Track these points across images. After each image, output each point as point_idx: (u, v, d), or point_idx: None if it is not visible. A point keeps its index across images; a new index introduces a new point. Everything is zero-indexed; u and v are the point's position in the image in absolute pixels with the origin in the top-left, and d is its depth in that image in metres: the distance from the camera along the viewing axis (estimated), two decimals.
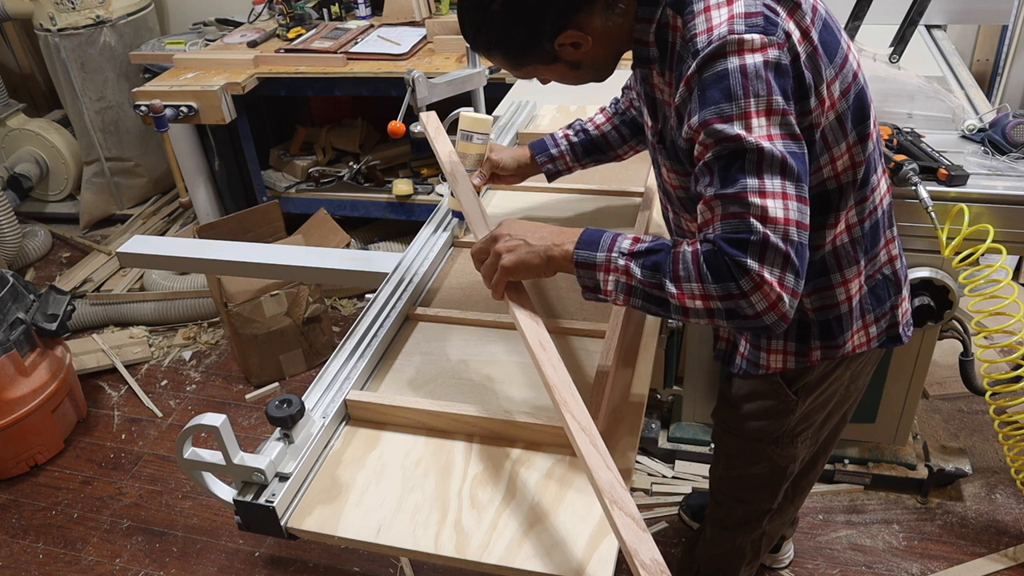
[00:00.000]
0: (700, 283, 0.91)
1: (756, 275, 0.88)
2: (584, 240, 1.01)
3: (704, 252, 0.92)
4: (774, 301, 0.89)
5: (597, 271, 0.99)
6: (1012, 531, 2.04)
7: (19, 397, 2.34)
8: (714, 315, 0.92)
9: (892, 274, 1.22)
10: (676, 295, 0.93)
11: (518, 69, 1.10)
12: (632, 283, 0.96)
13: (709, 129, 0.91)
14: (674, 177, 1.14)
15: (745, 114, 0.90)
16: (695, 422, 2.25)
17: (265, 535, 0.99)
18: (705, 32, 0.92)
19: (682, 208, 1.18)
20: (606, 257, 0.98)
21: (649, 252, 0.96)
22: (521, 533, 0.94)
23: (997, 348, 1.87)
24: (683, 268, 0.92)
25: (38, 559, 2.19)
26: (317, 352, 2.76)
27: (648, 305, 0.97)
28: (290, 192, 3.24)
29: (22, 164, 3.66)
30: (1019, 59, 2.86)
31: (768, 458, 1.39)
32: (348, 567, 2.09)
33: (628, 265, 0.96)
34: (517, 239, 1.05)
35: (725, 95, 0.90)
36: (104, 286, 3.28)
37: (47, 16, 3.26)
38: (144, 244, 1.69)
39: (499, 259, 1.06)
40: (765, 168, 0.89)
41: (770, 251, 0.88)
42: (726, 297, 0.90)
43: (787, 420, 1.31)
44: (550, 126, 1.92)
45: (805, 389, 1.26)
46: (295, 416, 0.98)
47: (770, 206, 0.89)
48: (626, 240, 0.99)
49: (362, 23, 3.16)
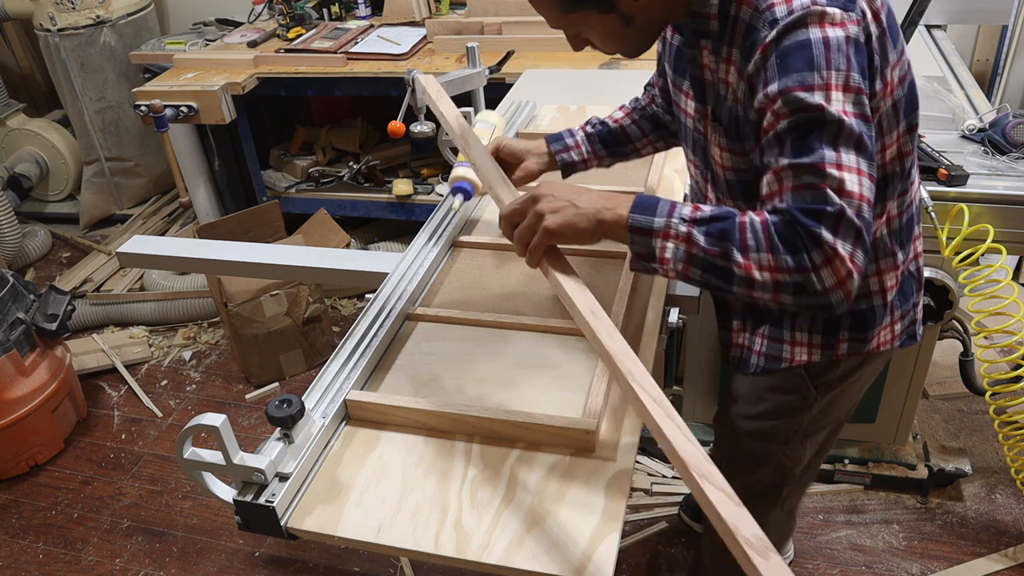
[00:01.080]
0: (771, 253, 0.88)
1: (830, 248, 0.86)
2: (639, 204, 0.96)
3: (775, 222, 0.88)
4: (844, 277, 0.87)
5: (654, 237, 0.94)
6: (1012, 531, 2.04)
7: (19, 397, 2.34)
8: (780, 288, 0.89)
9: (916, 271, 1.21)
10: (743, 264, 0.89)
11: (565, 15, 1.02)
12: (693, 251, 0.92)
13: (789, 97, 0.88)
14: (729, 157, 1.09)
15: (827, 85, 0.88)
16: (695, 422, 2.25)
17: (265, 535, 0.99)
18: (784, 2, 0.90)
19: (730, 193, 1.14)
20: (665, 223, 0.93)
21: (714, 219, 0.92)
22: (521, 533, 0.94)
23: (997, 348, 1.87)
24: (752, 237, 0.89)
25: (38, 559, 2.19)
26: (317, 352, 2.76)
27: (707, 276, 0.93)
28: (290, 192, 3.24)
29: (22, 164, 3.66)
30: (1019, 59, 2.86)
31: (774, 461, 1.35)
32: (348, 567, 2.09)
33: (691, 232, 0.92)
34: (562, 200, 0.99)
35: (808, 64, 0.88)
36: (104, 286, 3.28)
37: (47, 16, 3.26)
38: (144, 244, 1.69)
39: (541, 220, 0.99)
40: (843, 141, 0.87)
41: (845, 224, 0.86)
42: (797, 269, 0.87)
43: (802, 418, 1.28)
44: (550, 126, 1.92)
45: (827, 385, 1.24)
46: (295, 416, 0.98)
47: (847, 179, 0.86)
48: (685, 207, 0.94)
49: (362, 23, 3.17)
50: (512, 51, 2.62)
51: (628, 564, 2.02)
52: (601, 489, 0.98)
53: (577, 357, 1.19)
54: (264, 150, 3.38)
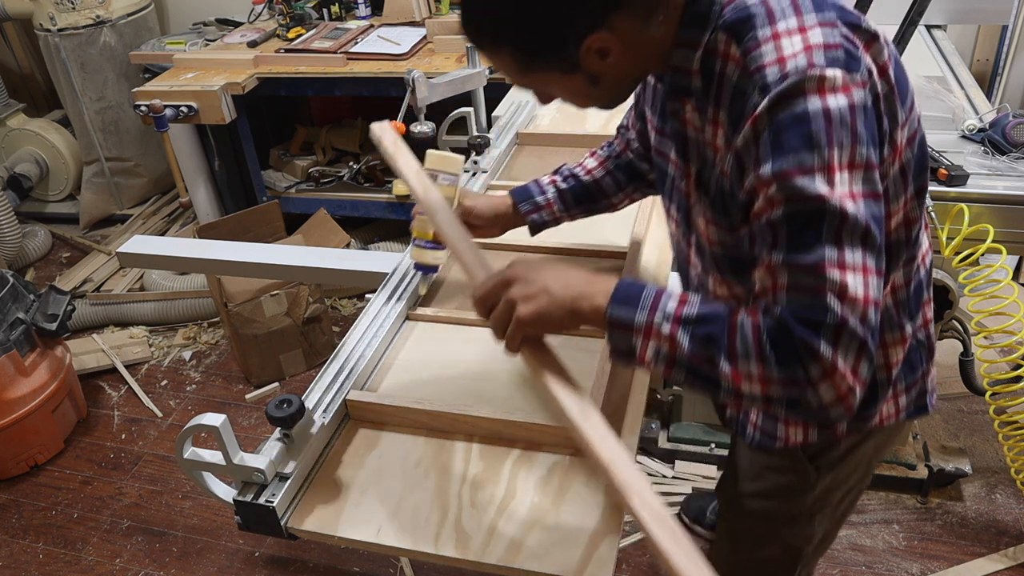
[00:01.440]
0: (761, 364, 0.78)
1: (828, 362, 0.76)
2: (620, 295, 0.86)
3: (768, 327, 0.78)
4: (844, 393, 0.77)
5: (635, 335, 0.84)
6: (1012, 531, 2.04)
7: (19, 397, 2.34)
8: (772, 402, 0.80)
9: (926, 338, 1.07)
10: (730, 375, 0.79)
11: (525, 76, 0.91)
12: (677, 354, 0.82)
13: (785, 183, 0.77)
14: (715, 231, 0.96)
15: (828, 167, 0.76)
16: (695, 422, 2.25)
17: (265, 535, 0.99)
18: (776, 63, 0.78)
19: (716, 267, 1.01)
20: (647, 320, 0.83)
21: (702, 320, 0.82)
22: (521, 533, 0.94)
23: (997, 348, 1.87)
24: (741, 343, 0.79)
25: (38, 559, 2.19)
26: (317, 352, 2.76)
27: (693, 380, 0.83)
28: (290, 192, 3.24)
29: (22, 164, 3.66)
30: (1019, 59, 2.86)
31: (781, 540, 1.24)
32: (348, 567, 2.09)
33: (675, 333, 0.82)
34: (536, 285, 0.90)
35: (806, 142, 0.76)
36: (104, 286, 3.28)
37: (47, 16, 3.26)
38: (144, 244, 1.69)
39: (513, 309, 0.90)
40: (846, 236, 0.76)
41: (846, 335, 0.76)
42: (790, 383, 0.78)
43: (805, 498, 1.17)
44: (550, 126, 1.92)
45: (827, 464, 1.13)
46: (295, 416, 0.98)
47: (850, 282, 0.76)
48: (671, 300, 0.84)
49: (362, 23, 3.16)
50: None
51: (628, 564, 2.02)
52: (601, 489, 0.98)
53: (577, 357, 1.19)
54: (264, 150, 3.38)
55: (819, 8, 0.81)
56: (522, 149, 1.84)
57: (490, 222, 1.28)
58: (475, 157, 1.68)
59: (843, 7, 0.83)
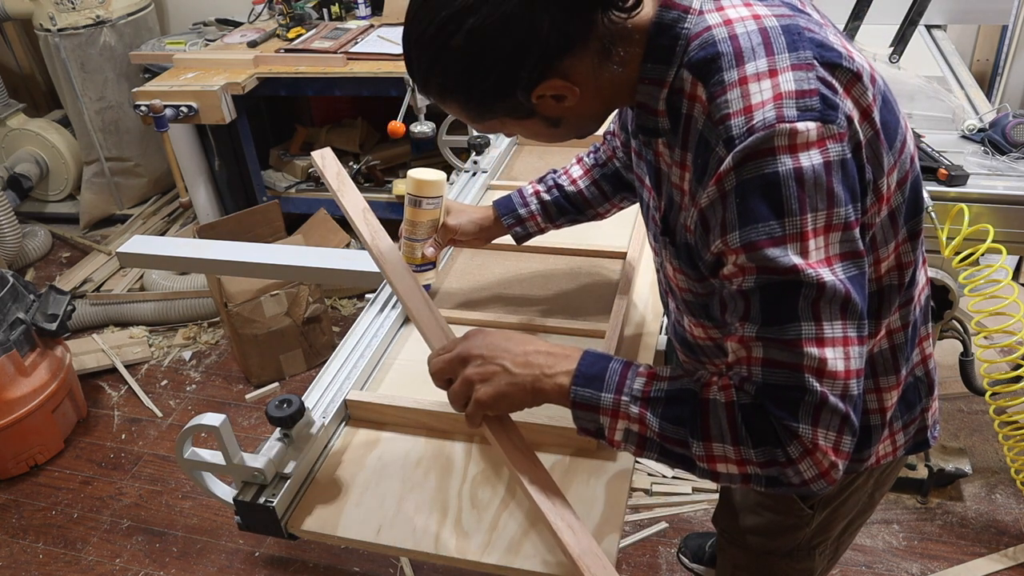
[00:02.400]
0: (736, 446, 0.75)
1: (808, 441, 0.72)
2: (583, 373, 0.82)
3: (743, 407, 0.75)
4: (826, 469, 0.74)
5: (601, 415, 0.81)
6: (1012, 531, 2.04)
7: (19, 397, 2.34)
8: (751, 480, 0.76)
9: (925, 375, 1.01)
10: (704, 457, 0.77)
11: (479, 122, 0.86)
12: (648, 435, 0.79)
13: (756, 255, 0.72)
14: (682, 279, 0.92)
15: (802, 234, 0.71)
16: None
17: (265, 535, 0.99)
18: (742, 113, 0.72)
19: (688, 310, 0.98)
20: (614, 401, 0.80)
21: (671, 400, 0.78)
22: (521, 533, 0.93)
23: (997, 348, 1.87)
24: (715, 425, 0.76)
25: (38, 559, 2.19)
26: (317, 352, 2.76)
27: (667, 460, 0.80)
28: (290, 192, 3.24)
29: (22, 164, 3.66)
30: (1019, 59, 2.86)
31: (782, 573, 1.21)
32: (348, 567, 2.09)
33: (643, 414, 0.79)
34: (493, 364, 0.85)
35: (776, 210, 0.71)
36: (104, 286, 3.28)
37: (47, 16, 3.26)
38: (144, 244, 1.69)
39: (471, 389, 0.87)
40: (824, 308, 0.72)
41: (826, 412, 0.72)
42: (769, 464, 0.74)
43: (801, 534, 1.14)
44: None
45: (822, 502, 1.09)
46: (295, 416, 0.98)
47: (829, 358, 0.72)
48: (639, 377, 0.80)
49: (362, 23, 3.16)
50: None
51: (628, 564, 2.02)
52: (601, 489, 0.98)
53: None
54: (264, 150, 3.38)
55: (793, 47, 0.73)
56: (522, 149, 1.84)
57: (474, 236, 1.28)
58: (475, 157, 1.68)
59: (823, 42, 0.75)
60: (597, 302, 1.31)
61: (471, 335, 0.89)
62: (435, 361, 0.91)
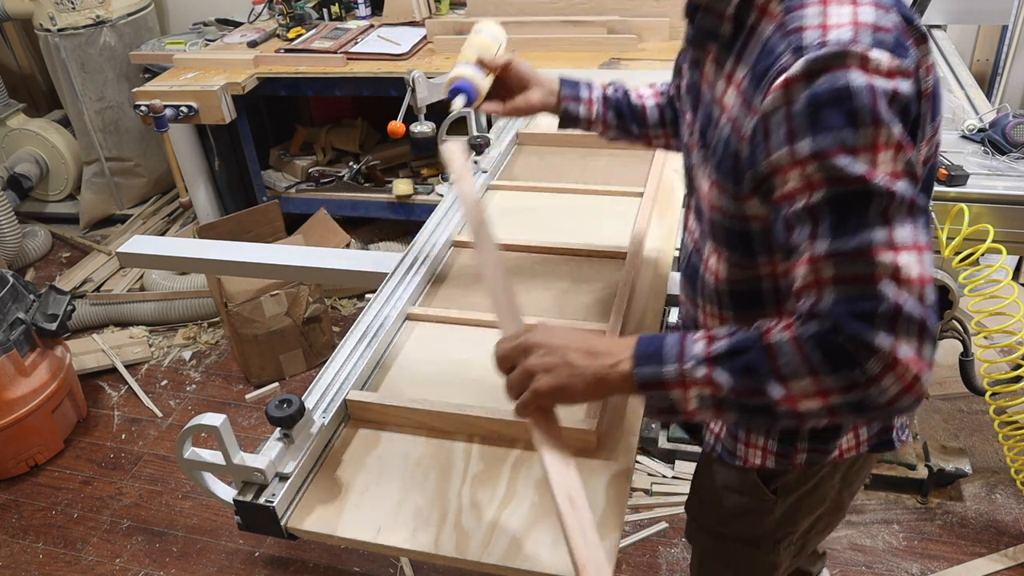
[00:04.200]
0: (813, 377, 0.73)
1: (887, 354, 0.70)
2: (643, 353, 0.81)
3: (812, 335, 0.73)
4: (910, 382, 0.71)
5: (669, 389, 0.79)
6: (1012, 531, 2.04)
7: (19, 397, 2.34)
8: (836, 412, 0.74)
9: None
10: (784, 397, 0.74)
11: None
12: (721, 395, 0.77)
13: (827, 163, 0.72)
14: (717, 195, 0.90)
15: (873, 146, 0.71)
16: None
17: (265, 535, 0.99)
18: (818, 28, 0.73)
19: (712, 235, 0.96)
20: (677, 371, 0.79)
21: (734, 352, 0.77)
22: (521, 533, 0.94)
23: (997, 348, 1.87)
24: (786, 363, 0.74)
25: (38, 559, 2.19)
26: (317, 352, 2.76)
27: (748, 417, 0.78)
28: (290, 192, 3.24)
29: (22, 164, 3.66)
30: (1019, 59, 2.86)
31: (748, 563, 1.21)
32: (348, 567, 2.09)
33: (710, 375, 0.77)
34: (555, 357, 0.84)
35: (850, 119, 0.71)
36: (104, 286, 3.28)
37: (47, 16, 3.26)
38: (144, 244, 1.69)
39: (531, 379, 0.85)
40: (894, 213, 0.72)
41: (903, 320, 0.70)
42: (850, 388, 0.72)
43: (765, 521, 1.13)
44: (550, 126, 1.92)
45: (784, 488, 1.09)
46: (295, 416, 0.98)
47: (903, 263, 0.71)
48: (697, 342, 0.79)
49: (362, 23, 3.16)
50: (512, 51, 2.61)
51: (628, 564, 2.03)
52: (601, 489, 0.98)
53: None
54: (264, 150, 3.38)
55: None
56: (522, 149, 1.84)
57: (525, 83, 1.21)
58: (475, 157, 1.68)
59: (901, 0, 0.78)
60: (597, 302, 1.31)
61: (538, 328, 0.89)
62: (500, 348, 0.90)
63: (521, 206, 1.62)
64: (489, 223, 1.10)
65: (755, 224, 0.88)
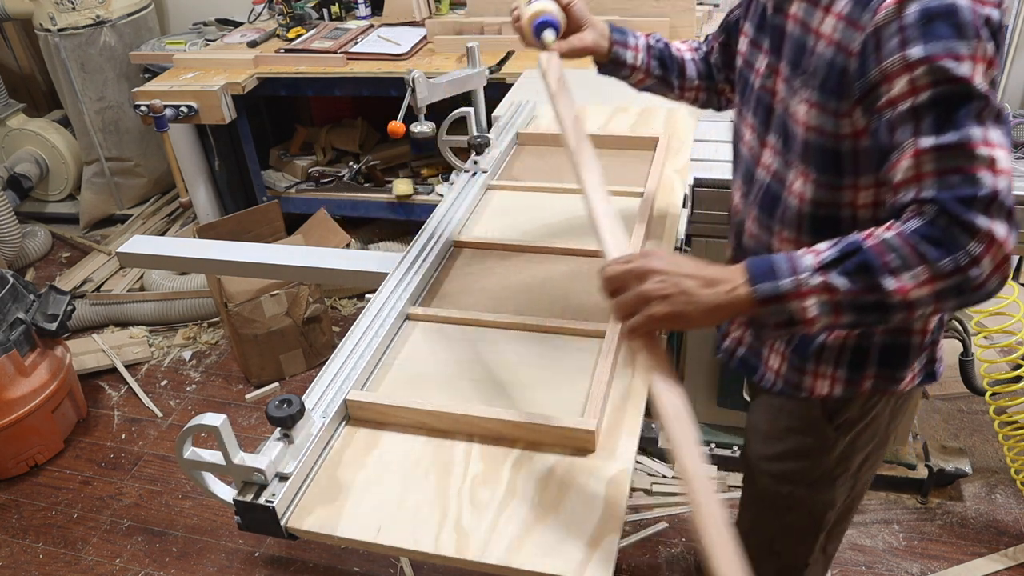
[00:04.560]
0: (924, 264, 0.80)
1: (985, 235, 0.79)
2: (757, 274, 0.86)
3: (916, 228, 0.81)
4: (1001, 261, 0.80)
5: (787, 302, 0.84)
6: (1012, 531, 2.04)
7: (19, 397, 2.34)
8: (941, 297, 0.82)
9: None
10: (897, 289, 0.81)
11: None
12: (838, 298, 0.83)
13: (935, 66, 0.82)
14: (817, 115, 0.98)
15: (974, 57, 0.82)
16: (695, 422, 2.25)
17: (265, 535, 0.99)
18: None
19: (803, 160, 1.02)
20: (794, 282, 0.84)
21: (846, 255, 0.83)
22: (521, 533, 0.94)
23: (997, 348, 1.87)
24: (895, 256, 0.81)
25: (38, 559, 2.19)
26: (317, 352, 2.76)
27: (861, 317, 0.84)
28: (290, 192, 3.24)
29: (22, 164, 3.66)
30: (1019, 59, 2.86)
31: (804, 504, 1.24)
32: (348, 567, 2.09)
33: (826, 281, 0.83)
34: (672, 284, 0.87)
35: (957, 31, 0.82)
36: (104, 286, 3.28)
37: (47, 16, 3.26)
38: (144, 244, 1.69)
39: (647, 304, 0.87)
40: (988, 116, 0.82)
41: (997, 205, 0.80)
42: (956, 270, 0.80)
43: (825, 460, 1.18)
44: (550, 126, 1.92)
45: (846, 425, 1.15)
46: (295, 416, 0.98)
47: (997, 156, 0.81)
48: (805, 256, 0.85)
49: (362, 23, 3.17)
50: (512, 51, 2.62)
51: (628, 564, 2.03)
52: (601, 489, 0.98)
53: (577, 357, 1.19)
54: (264, 150, 3.38)
55: None
56: (522, 149, 1.84)
57: (581, 23, 1.25)
58: (475, 157, 1.68)
59: None
60: (597, 302, 1.30)
61: (651, 252, 0.92)
62: (611, 269, 0.91)
63: (521, 206, 1.61)
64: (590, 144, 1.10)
65: (847, 143, 0.97)
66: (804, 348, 1.13)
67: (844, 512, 1.30)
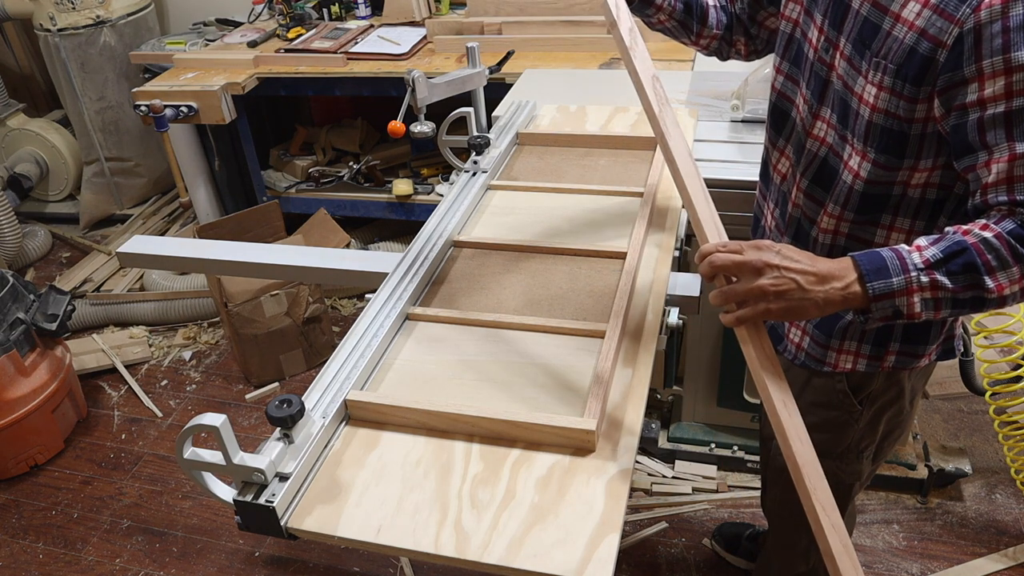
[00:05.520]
0: (1019, 263, 0.87)
1: None
2: (871, 270, 0.90)
3: (1012, 228, 0.87)
4: None
5: (898, 298, 0.90)
6: (1012, 531, 2.04)
7: (19, 397, 2.34)
8: None
9: None
10: (995, 287, 0.88)
11: None
12: (941, 295, 0.89)
13: None
14: (886, 99, 0.99)
15: None
16: (695, 422, 2.25)
17: (265, 535, 0.99)
18: None
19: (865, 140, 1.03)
20: (905, 280, 0.89)
21: (951, 256, 0.89)
22: (521, 533, 0.93)
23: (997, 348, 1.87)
24: (993, 256, 0.87)
25: (38, 559, 2.19)
26: (317, 352, 2.76)
27: (958, 311, 0.91)
28: (290, 192, 3.24)
29: (22, 164, 3.66)
30: None
31: (832, 476, 1.26)
32: (348, 567, 2.09)
33: (933, 280, 0.89)
34: (787, 279, 0.90)
35: None
36: (104, 286, 3.28)
37: (47, 16, 3.26)
38: (144, 244, 1.69)
39: (763, 298, 0.91)
40: None
41: None
42: None
43: (850, 432, 1.23)
44: (550, 127, 1.92)
45: (870, 398, 1.20)
46: (295, 416, 0.98)
47: None
48: (913, 253, 0.91)
49: (362, 23, 3.17)
50: (512, 51, 2.61)
51: (628, 564, 2.02)
52: (601, 489, 0.98)
53: (577, 356, 1.19)
54: (264, 150, 3.38)
55: None
56: (522, 149, 1.84)
57: None
58: (475, 157, 1.68)
59: None
60: (597, 302, 1.31)
61: (762, 244, 0.93)
62: (721, 257, 0.93)
63: (521, 206, 1.62)
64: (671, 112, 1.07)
65: (916, 127, 0.98)
66: (830, 326, 1.16)
67: (867, 479, 1.35)
